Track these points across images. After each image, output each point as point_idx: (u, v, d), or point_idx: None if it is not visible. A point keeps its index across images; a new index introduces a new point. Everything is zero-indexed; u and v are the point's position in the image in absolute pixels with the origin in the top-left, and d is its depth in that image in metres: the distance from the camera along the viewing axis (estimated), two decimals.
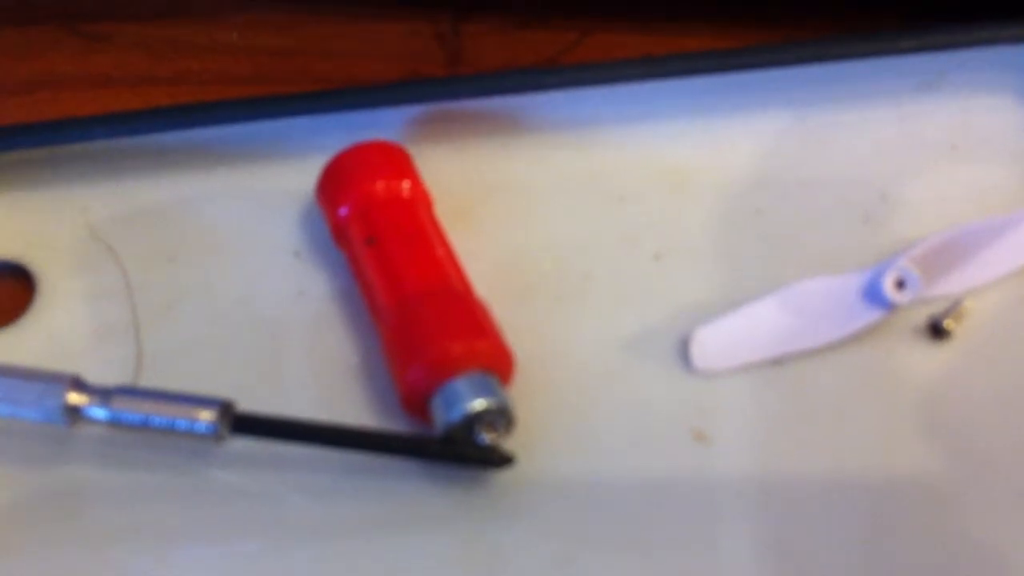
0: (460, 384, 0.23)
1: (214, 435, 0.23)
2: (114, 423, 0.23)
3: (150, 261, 0.28)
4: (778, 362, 0.24)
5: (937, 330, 0.25)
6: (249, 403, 0.24)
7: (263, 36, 0.36)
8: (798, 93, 0.28)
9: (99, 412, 0.23)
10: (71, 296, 0.28)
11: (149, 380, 0.26)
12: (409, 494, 0.23)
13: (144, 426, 0.23)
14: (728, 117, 0.28)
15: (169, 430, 0.23)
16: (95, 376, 0.25)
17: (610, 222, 0.28)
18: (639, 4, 0.34)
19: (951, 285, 0.25)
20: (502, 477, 0.23)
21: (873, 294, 0.25)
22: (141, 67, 0.36)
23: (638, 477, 0.23)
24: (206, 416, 0.23)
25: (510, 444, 0.23)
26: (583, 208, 0.28)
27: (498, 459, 0.23)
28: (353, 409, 0.25)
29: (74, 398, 0.23)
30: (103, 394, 0.23)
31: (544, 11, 0.35)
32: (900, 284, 0.24)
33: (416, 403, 0.24)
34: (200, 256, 0.28)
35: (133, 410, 0.23)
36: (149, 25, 0.37)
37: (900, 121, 0.28)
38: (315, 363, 0.26)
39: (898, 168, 0.27)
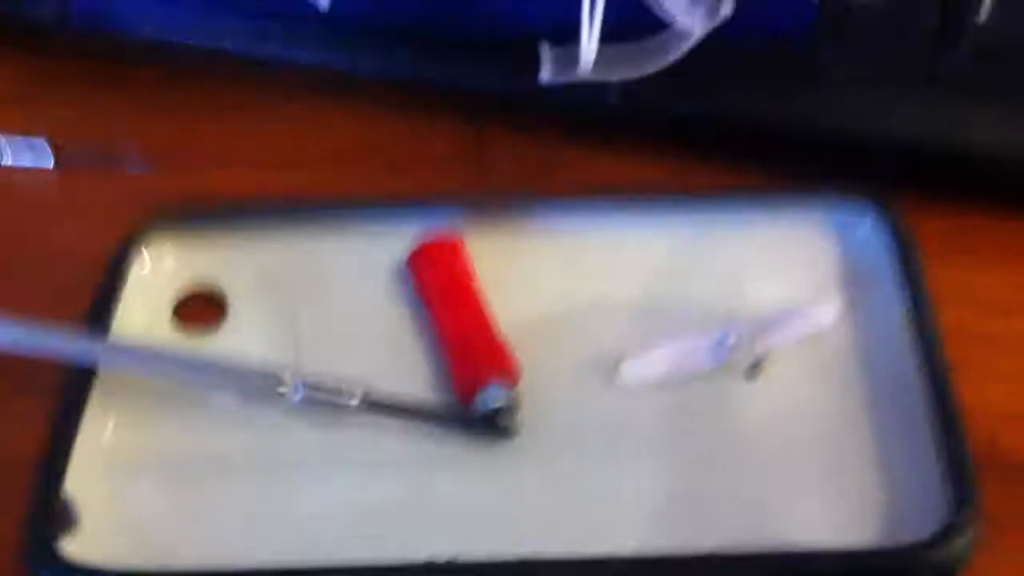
0: (491, 388, 0.42)
1: (357, 408, 0.42)
2: (302, 401, 0.43)
3: (302, 291, 0.47)
4: (669, 383, 0.43)
5: (751, 372, 0.43)
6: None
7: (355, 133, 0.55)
8: (693, 222, 0.47)
9: (295, 396, 0.42)
10: (251, 313, 0.46)
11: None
12: (458, 444, 0.42)
13: (318, 402, 0.43)
14: (649, 231, 0.47)
15: (333, 404, 0.42)
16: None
17: (576, 288, 0.46)
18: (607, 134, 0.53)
19: (762, 347, 0.44)
20: (511, 443, 0.42)
21: (718, 349, 0.43)
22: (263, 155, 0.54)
23: (586, 445, 0.42)
24: (353, 400, 0.42)
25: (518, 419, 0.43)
26: (561, 279, 0.47)
27: (509, 432, 0.42)
28: (425, 393, 0.44)
29: (281, 388, 0.42)
30: (295, 385, 0.42)
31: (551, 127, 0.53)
32: (733, 344, 0.43)
33: (466, 397, 0.42)
34: (331, 291, 0.47)
35: (313, 396, 0.42)
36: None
37: (752, 242, 0.47)
38: (403, 362, 0.44)
39: (743, 272, 0.46)
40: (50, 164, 0.53)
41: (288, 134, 0.54)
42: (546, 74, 0.46)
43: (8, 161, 0.53)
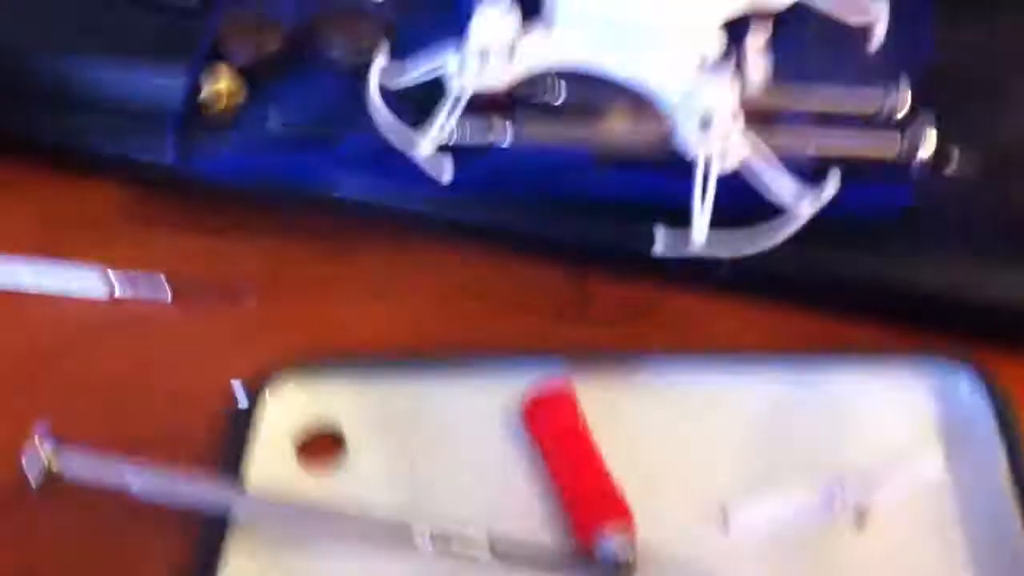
0: (613, 543, 0.44)
1: (488, 560, 0.44)
2: (434, 551, 0.44)
3: (418, 433, 0.49)
4: (775, 534, 0.46)
5: (858, 524, 0.46)
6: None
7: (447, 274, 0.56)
8: (795, 376, 0.49)
9: (427, 547, 0.44)
10: (370, 454, 0.48)
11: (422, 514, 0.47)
12: None
13: (450, 554, 0.44)
14: (751, 383, 0.49)
15: (464, 557, 0.44)
16: (389, 510, 0.46)
17: (681, 441, 0.48)
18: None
19: (867, 499, 0.46)
20: None
21: (826, 503, 0.46)
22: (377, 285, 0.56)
23: None
24: (484, 551, 0.44)
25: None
26: (667, 430, 0.48)
27: None
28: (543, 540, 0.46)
29: (416, 539, 0.44)
30: (430, 538, 0.44)
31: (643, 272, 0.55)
32: (842, 501, 0.46)
33: (586, 545, 0.45)
34: (445, 435, 0.49)
35: (445, 548, 0.44)
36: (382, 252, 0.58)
37: (854, 396, 0.49)
38: (522, 510, 0.46)
39: (847, 426, 0.48)
40: (167, 298, 0.54)
41: (398, 275, 0.56)
42: (659, 249, 0.48)
43: (125, 294, 0.54)
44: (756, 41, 0.50)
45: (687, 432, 0.49)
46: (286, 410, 0.49)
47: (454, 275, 0.56)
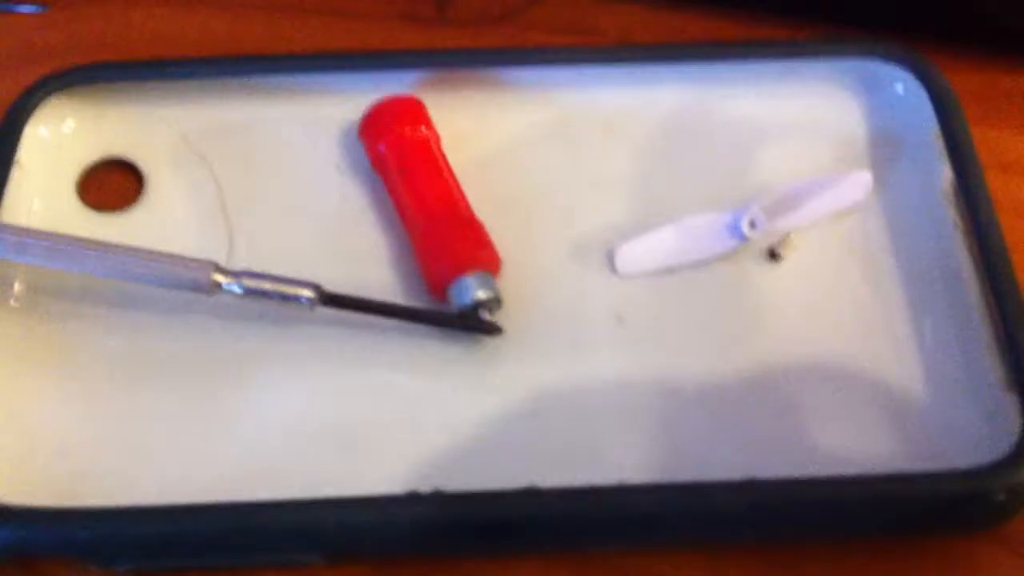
0: (471, 280, 0.35)
1: (310, 305, 0.35)
2: (243, 294, 0.35)
3: (231, 166, 0.39)
4: (671, 271, 0.37)
5: (773, 254, 0.38)
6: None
7: None
8: (698, 76, 0.40)
9: (235, 287, 0.35)
10: (172, 189, 0.39)
11: (237, 256, 0.38)
12: (432, 350, 0.35)
13: (262, 296, 0.35)
14: (645, 89, 0.40)
15: (280, 300, 0.35)
16: (197, 252, 0.36)
17: (560, 159, 0.39)
18: None
19: (785, 224, 0.38)
20: (493, 341, 0.35)
21: (734, 229, 0.37)
22: None
23: (579, 343, 0.36)
24: (307, 293, 0.35)
25: (498, 318, 0.36)
26: (542, 149, 0.39)
27: (494, 329, 0.36)
28: (386, 291, 0.36)
29: (218, 276, 0.35)
30: (237, 275, 0.35)
31: None
32: (752, 224, 0.37)
33: (438, 290, 0.36)
34: (267, 164, 0.39)
35: (257, 286, 0.35)
36: None
37: (767, 105, 0.40)
38: (357, 248, 0.37)
39: (759, 138, 0.40)
40: None
41: None
42: None
43: None
44: None
45: (566, 153, 0.40)
46: (62, 134, 0.39)
47: None
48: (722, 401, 0.34)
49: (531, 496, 0.31)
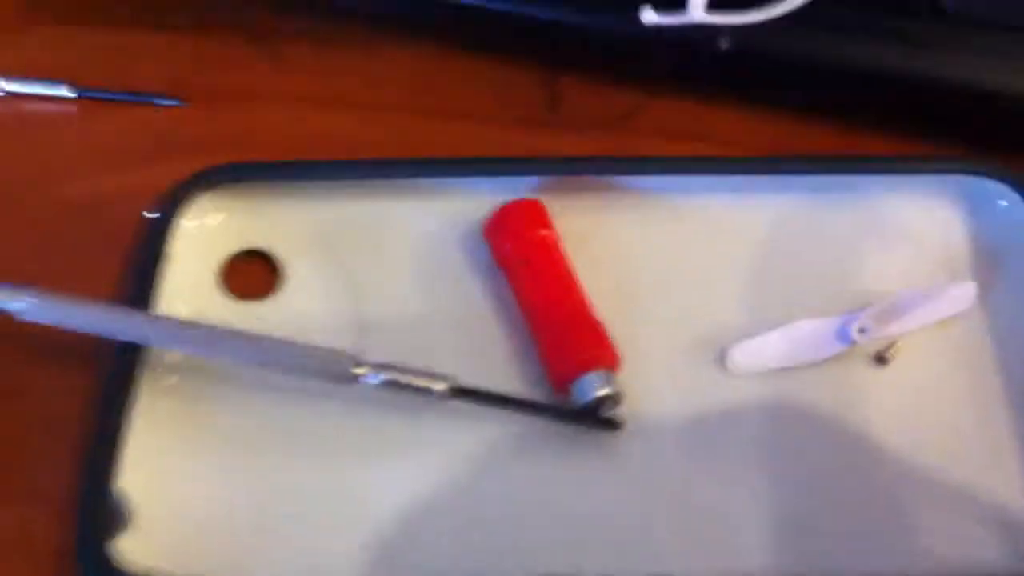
0: (593, 377, 0.37)
1: (443, 398, 0.37)
2: (380, 385, 0.37)
3: (361, 259, 0.41)
4: (784, 371, 0.39)
5: (881, 359, 0.40)
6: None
7: (405, 71, 0.48)
8: (806, 187, 0.42)
9: (374, 379, 0.37)
10: (307, 280, 0.41)
11: (367, 344, 0.40)
12: (554, 443, 0.37)
13: (397, 388, 0.37)
14: (756, 197, 0.42)
15: (414, 392, 0.37)
16: (331, 339, 0.38)
17: (673, 260, 0.41)
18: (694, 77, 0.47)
19: (891, 330, 0.40)
20: (613, 436, 0.37)
21: (843, 334, 0.39)
22: (317, 89, 0.47)
23: (692, 438, 0.38)
24: (441, 386, 0.37)
25: (617, 412, 0.38)
26: (656, 249, 0.41)
27: (615, 425, 0.38)
28: (510, 384, 0.38)
29: (357, 369, 0.37)
30: (375, 367, 0.37)
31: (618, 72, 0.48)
32: (862, 330, 0.39)
33: (562, 386, 0.38)
34: (396, 258, 0.41)
35: (394, 378, 0.37)
36: (320, 50, 0.48)
37: (872, 215, 0.41)
38: (482, 343, 0.39)
39: (865, 247, 0.41)
40: (69, 93, 0.46)
41: (335, 77, 0.48)
42: (648, 17, 0.40)
43: (20, 88, 0.46)
44: None
45: (680, 256, 0.42)
46: (207, 227, 0.42)
47: (402, 76, 0.48)
48: (833, 500, 0.36)
49: None
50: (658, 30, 0.40)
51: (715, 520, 0.36)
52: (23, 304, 0.36)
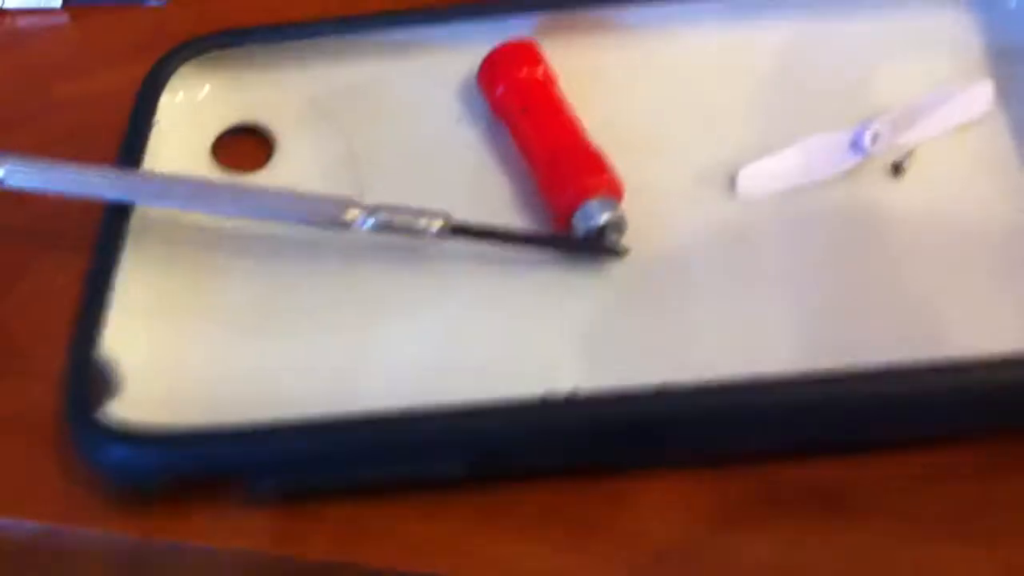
0: (594, 204, 0.36)
1: (439, 235, 0.36)
2: (376, 228, 0.36)
3: (355, 122, 0.40)
4: (797, 190, 0.37)
5: (897, 168, 0.38)
6: None
7: None
8: (810, 4, 0.40)
9: (368, 221, 0.36)
10: (302, 149, 0.40)
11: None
12: (559, 275, 0.36)
13: (394, 230, 0.36)
14: (758, 21, 0.40)
15: (411, 233, 0.36)
16: None
17: (678, 94, 0.40)
18: None
19: (907, 138, 0.38)
20: (619, 263, 0.36)
21: (857, 145, 0.37)
22: None
23: (705, 263, 0.36)
24: (436, 223, 0.36)
25: (623, 241, 0.37)
26: (659, 85, 0.40)
27: (619, 250, 0.36)
28: (511, 222, 0.37)
29: (352, 211, 0.36)
30: (369, 209, 0.36)
31: None
32: (875, 138, 0.37)
33: (564, 218, 0.36)
34: (393, 119, 0.40)
35: (389, 219, 0.36)
36: None
37: (881, 25, 0.40)
38: (482, 190, 0.38)
39: (875, 59, 0.40)
40: (57, 3, 0.46)
41: None
42: None
43: (12, 3, 0.46)
44: None
45: (683, 87, 0.40)
46: (195, 100, 0.41)
47: None
48: (847, 301, 0.35)
49: (663, 392, 0.31)
50: None
51: (722, 333, 0.34)
52: (5, 169, 0.35)
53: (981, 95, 0.38)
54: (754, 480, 0.32)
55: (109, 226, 0.36)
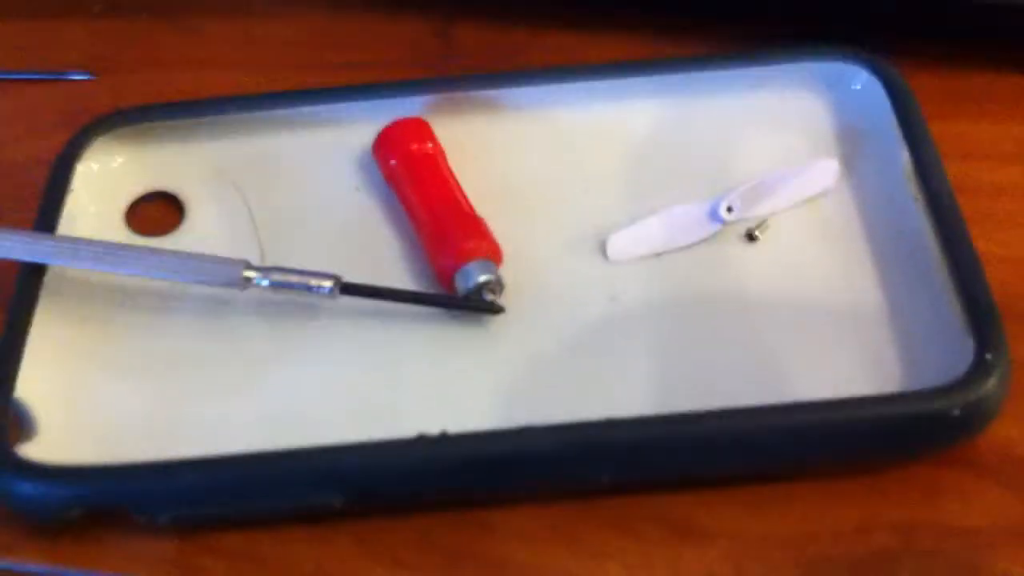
0: (473, 266, 0.39)
1: (330, 294, 0.39)
2: (271, 287, 0.39)
3: (260, 190, 0.43)
4: (659, 255, 0.41)
5: (751, 236, 0.41)
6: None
7: (304, 31, 0.52)
8: (676, 87, 0.44)
9: (264, 281, 0.39)
10: (209, 215, 0.43)
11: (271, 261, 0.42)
12: (441, 331, 0.39)
13: (287, 288, 0.39)
14: (628, 102, 0.44)
15: (304, 290, 0.39)
16: None
17: (555, 167, 0.43)
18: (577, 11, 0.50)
19: (761, 210, 0.41)
20: (497, 319, 0.39)
21: (714, 215, 0.41)
22: (223, 53, 0.51)
23: (576, 320, 0.39)
24: (327, 282, 0.39)
25: (501, 300, 0.40)
26: (539, 159, 0.43)
27: (495, 308, 0.39)
28: (400, 283, 0.40)
29: (249, 272, 0.39)
30: (265, 270, 0.39)
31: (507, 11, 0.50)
32: (729, 208, 0.41)
33: (447, 280, 0.40)
34: (293, 188, 0.43)
35: (284, 279, 0.39)
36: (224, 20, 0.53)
37: (741, 106, 0.44)
38: (374, 253, 0.41)
39: (734, 137, 0.44)
40: None
41: (237, 31, 0.51)
42: None
43: None
44: None
45: (559, 161, 0.44)
46: (109, 169, 0.44)
47: (302, 37, 0.51)
48: (704, 352, 0.38)
49: (525, 432, 0.34)
50: None
51: (593, 381, 0.37)
52: None
53: (828, 171, 0.42)
54: (610, 508, 0.35)
55: (24, 283, 0.39)
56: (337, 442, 0.35)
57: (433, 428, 0.35)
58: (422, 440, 0.35)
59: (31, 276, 0.39)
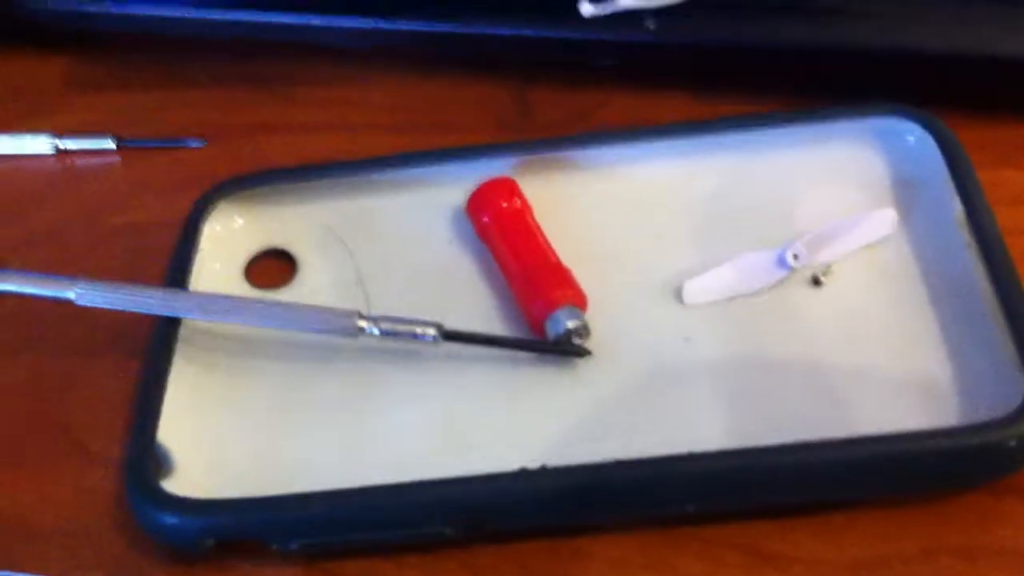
0: (562, 312, 0.43)
1: (434, 341, 0.43)
2: (380, 335, 0.43)
3: (363, 245, 0.48)
4: (730, 300, 0.44)
5: (816, 281, 0.45)
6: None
7: (392, 97, 0.56)
8: (741, 145, 0.48)
9: (374, 329, 0.43)
10: (319, 269, 0.48)
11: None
12: (534, 373, 0.43)
13: (396, 337, 0.44)
14: (697, 158, 0.48)
15: (410, 338, 0.43)
16: None
17: (631, 220, 0.47)
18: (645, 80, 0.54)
19: (824, 256, 0.45)
20: (584, 361, 0.43)
21: (781, 261, 0.45)
22: (319, 118, 0.56)
23: (655, 360, 0.43)
24: (431, 330, 0.43)
25: (587, 344, 0.44)
26: (615, 212, 0.47)
27: (583, 351, 0.43)
28: (493, 329, 0.44)
29: (362, 322, 0.43)
30: (375, 319, 0.43)
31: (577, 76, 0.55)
32: (795, 256, 0.45)
33: (537, 327, 0.44)
34: (394, 244, 0.47)
35: (392, 328, 0.44)
36: (319, 87, 0.58)
37: (804, 161, 0.47)
38: (468, 302, 0.45)
39: (797, 189, 0.47)
40: (112, 144, 0.54)
41: (331, 103, 0.56)
42: (586, 8, 0.47)
43: (71, 145, 0.54)
44: None
45: (635, 215, 0.48)
46: (230, 230, 0.49)
47: (392, 101, 0.56)
48: (773, 390, 0.42)
49: (618, 465, 0.38)
50: (598, 22, 0.47)
51: (673, 415, 0.41)
52: (77, 290, 0.43)
53: (886, 219, 0.46)
54: (692, 536, 0.39)
55: (161, 336, 0.44)
56: (442, 476, 0.39)
57: (531, 463, 0.39)
58: (524, 473, 0.39)
59: (168, 329, 0.44)
